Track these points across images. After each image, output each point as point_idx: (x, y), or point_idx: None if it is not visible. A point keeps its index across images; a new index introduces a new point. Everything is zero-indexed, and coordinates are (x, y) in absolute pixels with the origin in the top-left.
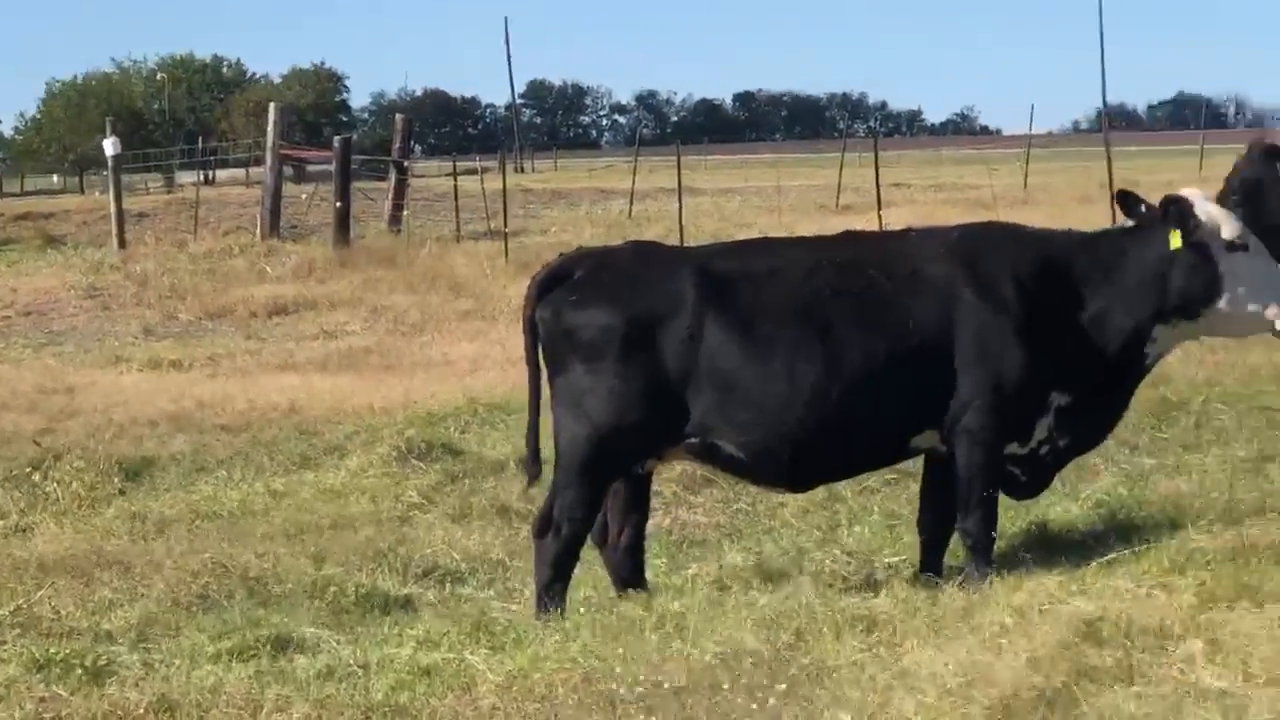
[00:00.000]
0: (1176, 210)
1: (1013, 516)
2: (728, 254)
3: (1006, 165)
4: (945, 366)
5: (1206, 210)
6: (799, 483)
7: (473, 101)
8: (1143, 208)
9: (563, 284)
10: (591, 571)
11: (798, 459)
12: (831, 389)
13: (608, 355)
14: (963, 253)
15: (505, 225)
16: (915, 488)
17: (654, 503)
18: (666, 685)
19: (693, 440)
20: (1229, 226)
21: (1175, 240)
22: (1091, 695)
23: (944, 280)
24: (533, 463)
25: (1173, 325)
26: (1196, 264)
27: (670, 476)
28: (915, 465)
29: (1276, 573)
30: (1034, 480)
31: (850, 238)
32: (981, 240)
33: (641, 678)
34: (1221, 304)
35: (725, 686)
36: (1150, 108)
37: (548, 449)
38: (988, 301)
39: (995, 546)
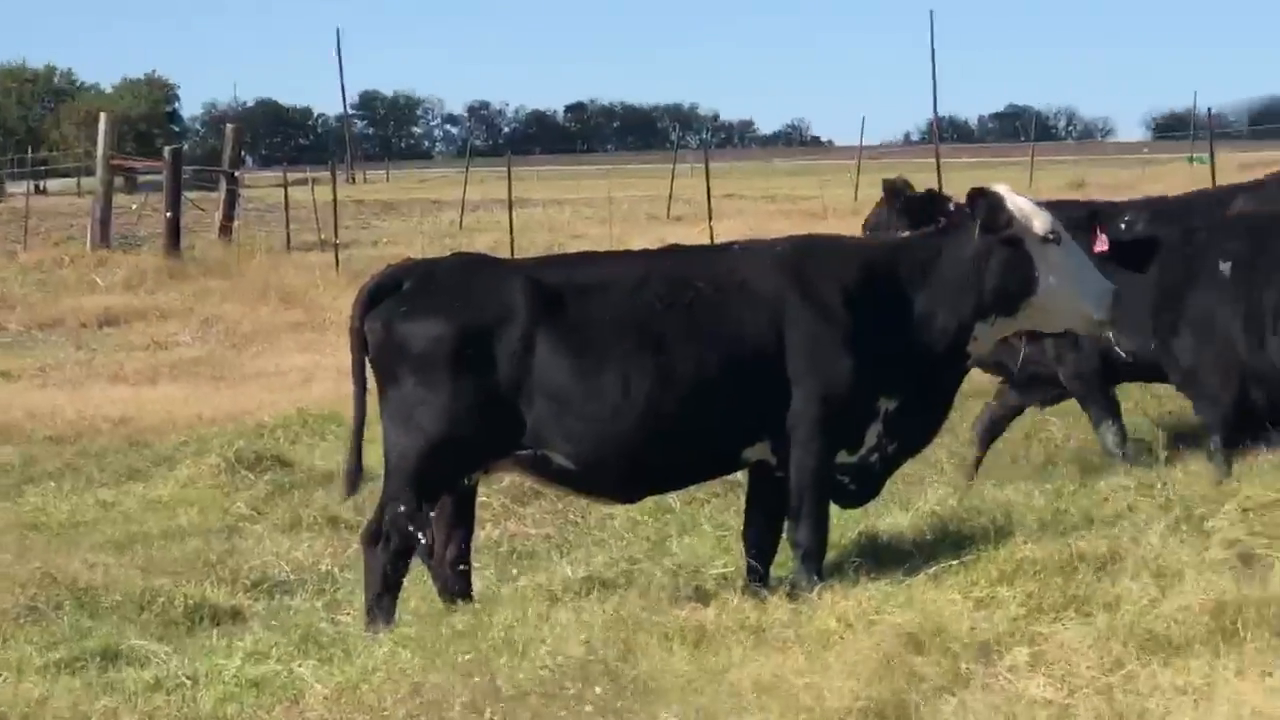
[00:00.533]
0: (985, 203)
1: (843, 527)
2: (558, 266)
3: (838, 176)
4: (776, 378)
5: (1017, 204)
6: (630, 495)
7: (305, 112)
8: (951, 206)
9: (391, 295)
10: (421, 583)
11: (629, 471)
12: (662, 401)
13: (438, 367)
14: (789, 265)
15: (336, 236)
16: (744, 499)
17: (483, 514)
18: (495, 697)
19: (524, 453)
20: (1040, 220)
21: (976, 233)
22: (917, 705)
23: (772, 292)
24: (354, 474)
25: (992, 322)
26: (1011, 259)
27: (499, 488)
28: (744, 476)
29: (1103, 583)
30: (863, 489)
31: (678, 251)
32: (807, 252)
33: (470, 689)
34: (1038, 298)
35: (553, 698)
36: (982, 119)
37: (372, 461)
38: (816, 312)
39: (825, 557)
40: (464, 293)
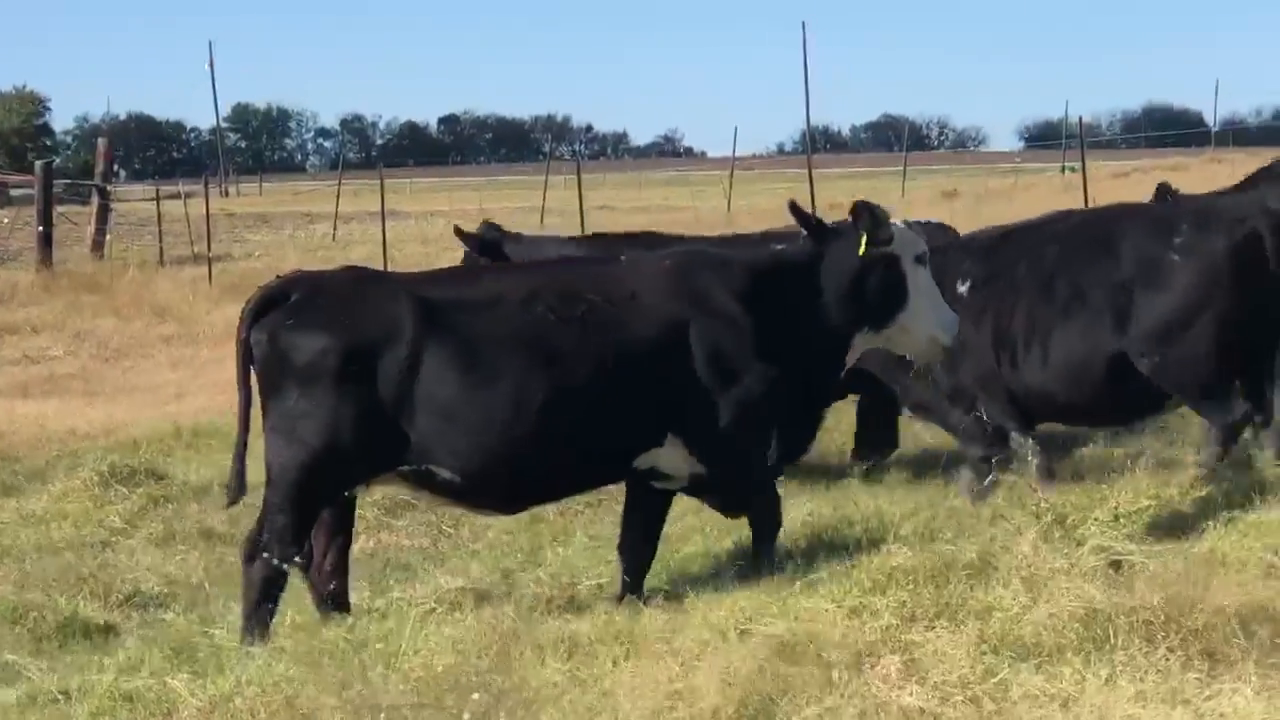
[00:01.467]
0: (869, 215)
1: (718, 535)
2: (445, 280)
3: (711, 188)
4: (670, 388)
5: (895, 222)
6: (515, 507)
7: (177, 125)
8: (814, 221)
9: (278, 306)
10: (296, 595)
11: (516, 483)
12: (550, 414)
13: (323, 380)
14: (678, 276)
15: (209, 250)
16: (619, 509)
17: (356, 526)
18: (369, 709)
19: (407, 467)
20: (916, 240)
21: (863, 246)
22: (788, 714)
23: (662, 304)
24: (237, 485)
25: (865, 334)
26: (889, 274)
27: (372, 500)
28: (620, 487)
29: (975, 591)
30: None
31: (567, 263)
32: (694, 263)
33: (344, 701)
34: (905, 316)
35: (427, 709)
36: (854, 129)
37: (254, 473)
38: (708, 322)
39: (698, 566)
40: (351, 306)
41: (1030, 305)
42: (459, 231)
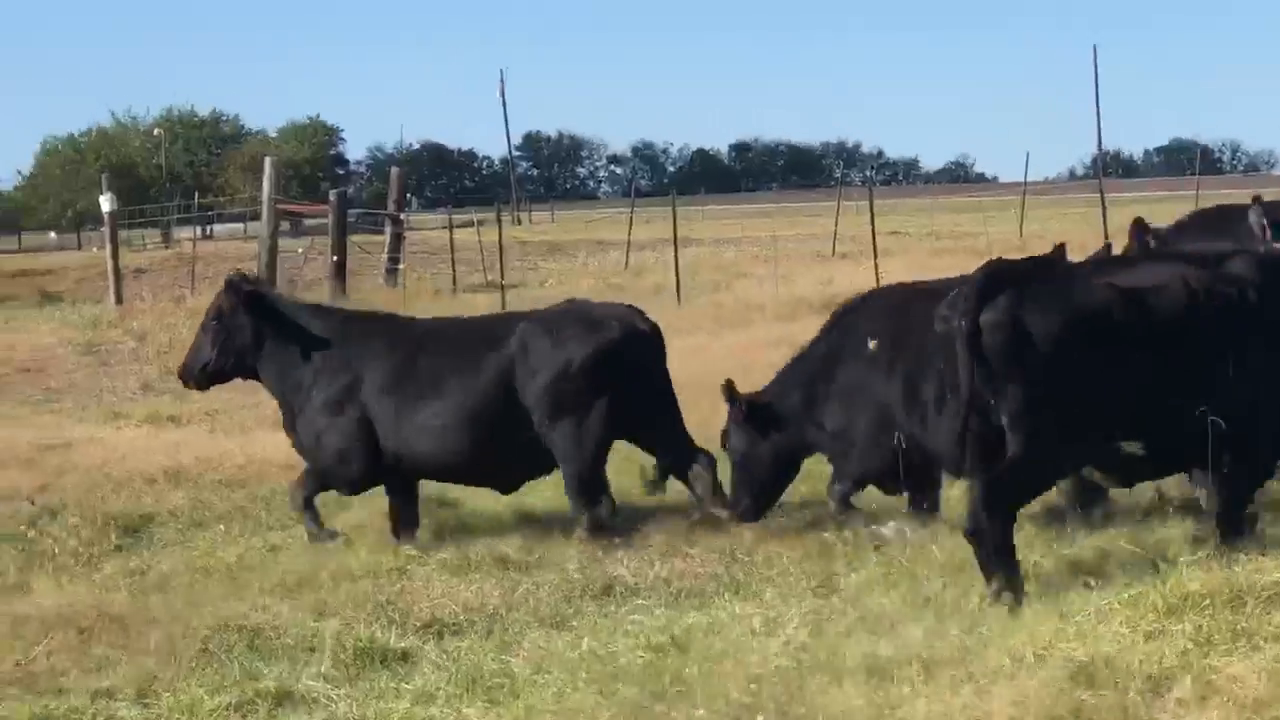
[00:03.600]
0: None
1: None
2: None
3: (1002, 213)
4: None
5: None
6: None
7: (469, 154)
8: None
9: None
10: (590, 621)
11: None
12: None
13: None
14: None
15: (502, 277)
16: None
17: (650, 552)
18: None
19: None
20: None
21: None
22: None
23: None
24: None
25: None
26: None
27: (662, 526)
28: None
29: (1271, 615)
30: None
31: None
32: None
33: None
34: None
35: None
36: (1146, 154)
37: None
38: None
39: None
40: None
41: None
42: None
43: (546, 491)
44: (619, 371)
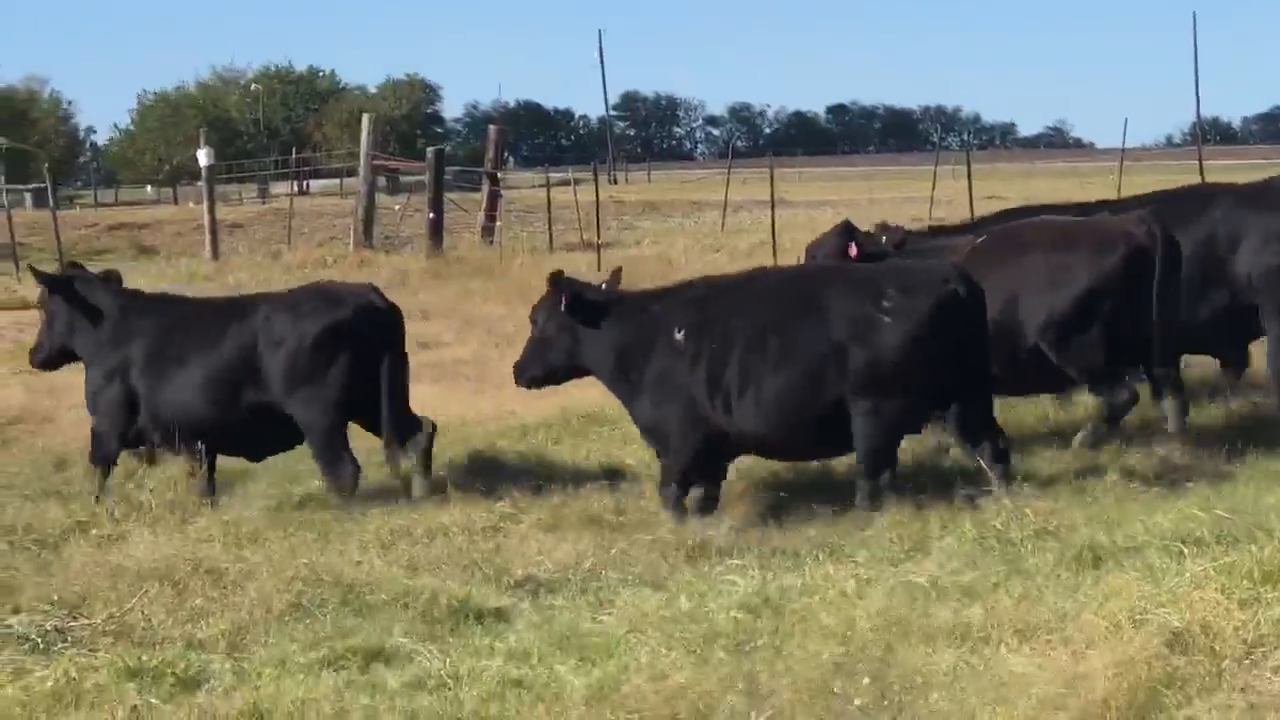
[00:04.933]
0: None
1: (1107, 526)
2: None
3: (1100, 178)
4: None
5: None
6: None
7: (566, 113)
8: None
9: None
10: (684, 581)
11: None
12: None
13: None
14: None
15: (599, 237)
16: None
17: (736, 510)
18: (759, 696)
19: None
20: None
21: None
22: (1178, 704)
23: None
24: None
25: None
26: None
27: (750, 482)
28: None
29: None
30: None
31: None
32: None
33: (734, 689)
34: None
35: (817, 696)
36: (1245, 121)
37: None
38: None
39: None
40: None
41: None
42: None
43: (642, 453)
44: (354, 345)
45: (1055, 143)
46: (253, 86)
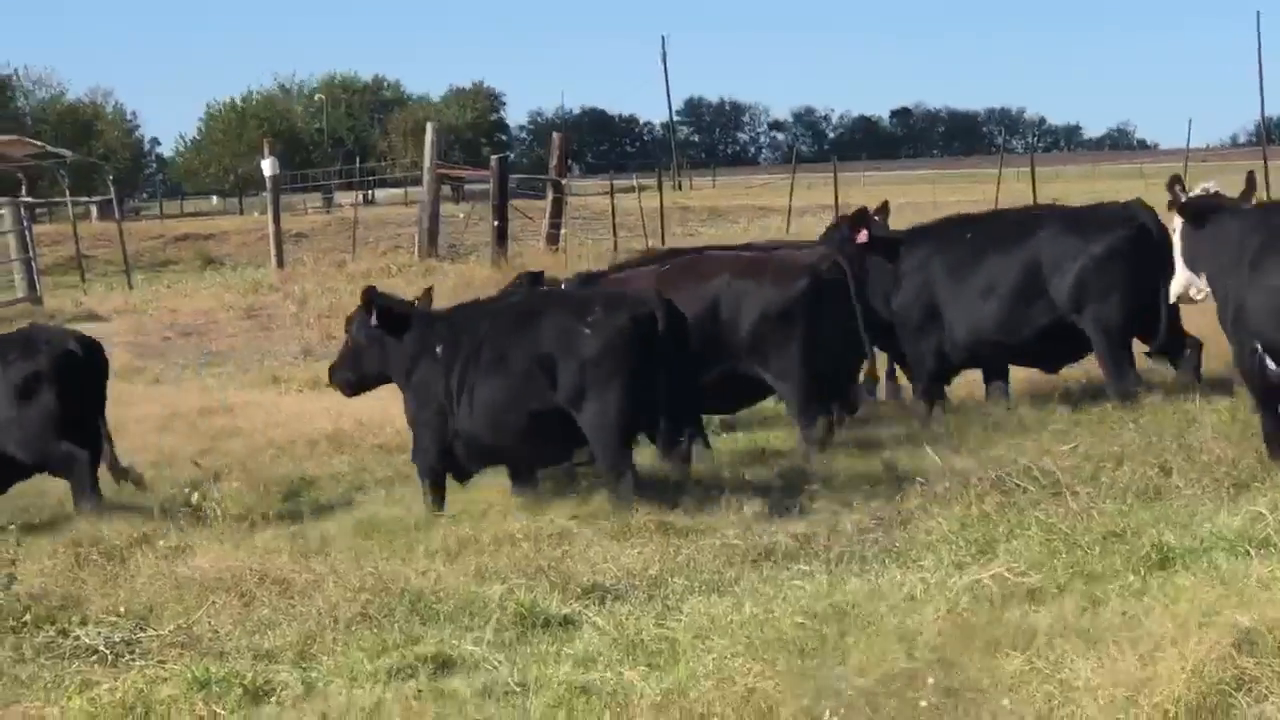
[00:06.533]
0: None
1: (1178, 528)
2: None
3: (1163, 180)
4: None
5: None
6: None
7: (630, 120)
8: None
9: None
10: (751, 587)
11: None
12: None
13: None
14: None
15: (664, 242)
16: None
17: (813, 514)
18: (828, 700)
19: None
20: None
21: None
22: (1247, 706)
23: None
24: None
25: None
26: None
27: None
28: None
29: None
30: None
31: None
32: None
33: (803, 693)
34: None
35: (885, 700)
36: None
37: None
38: None
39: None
40: None
41: None
42: None
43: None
44: (60, 385)
45: (1120, 144)
46: (317, 96)
